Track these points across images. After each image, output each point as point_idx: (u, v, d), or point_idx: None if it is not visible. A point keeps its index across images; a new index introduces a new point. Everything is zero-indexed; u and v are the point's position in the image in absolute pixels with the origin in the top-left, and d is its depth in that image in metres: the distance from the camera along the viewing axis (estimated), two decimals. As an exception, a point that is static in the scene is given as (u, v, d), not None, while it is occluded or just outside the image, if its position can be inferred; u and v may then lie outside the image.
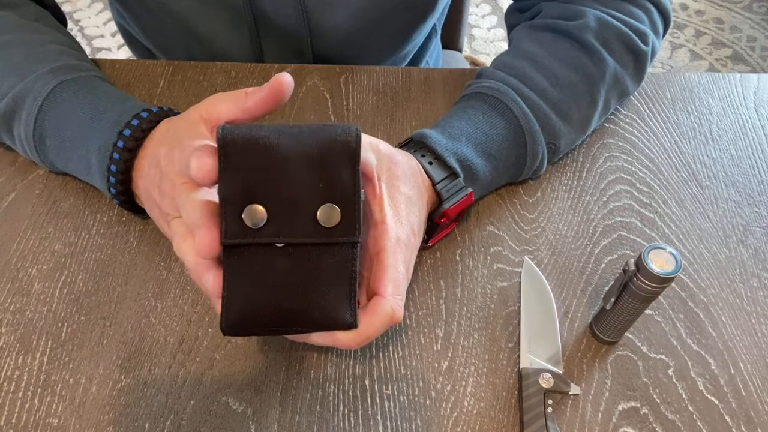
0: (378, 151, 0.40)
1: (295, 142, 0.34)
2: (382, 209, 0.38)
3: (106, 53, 1.85)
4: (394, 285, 0.37)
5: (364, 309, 0.37)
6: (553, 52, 0.52)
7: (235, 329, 0.35)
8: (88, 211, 0.50)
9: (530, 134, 0.49)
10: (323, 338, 0.37)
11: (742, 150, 0.57)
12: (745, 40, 1.96)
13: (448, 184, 0.45)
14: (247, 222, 0.34)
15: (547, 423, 0.40)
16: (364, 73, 0.61)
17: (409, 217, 0.40)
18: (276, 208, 0.34)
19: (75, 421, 0.40)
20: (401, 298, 0.37)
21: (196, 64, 0.61)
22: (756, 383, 0.43)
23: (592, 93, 0.52)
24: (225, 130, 0.33)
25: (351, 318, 0.36)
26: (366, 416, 0.41)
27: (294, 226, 0.34)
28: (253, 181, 0.34)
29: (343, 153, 0.34)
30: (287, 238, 0.34)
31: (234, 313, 0.35)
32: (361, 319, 0.36)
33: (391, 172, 0.41)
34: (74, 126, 0.47)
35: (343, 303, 0.36)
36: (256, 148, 0.33)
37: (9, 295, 0.46)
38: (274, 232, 0.34)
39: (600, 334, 0.44)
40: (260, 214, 0.34)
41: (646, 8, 0.55)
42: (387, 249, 0.37)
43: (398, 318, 0.36)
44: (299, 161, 0.34)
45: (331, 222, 0.34)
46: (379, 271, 0.37)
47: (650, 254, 0.37)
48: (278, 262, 0.35)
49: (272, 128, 0.34)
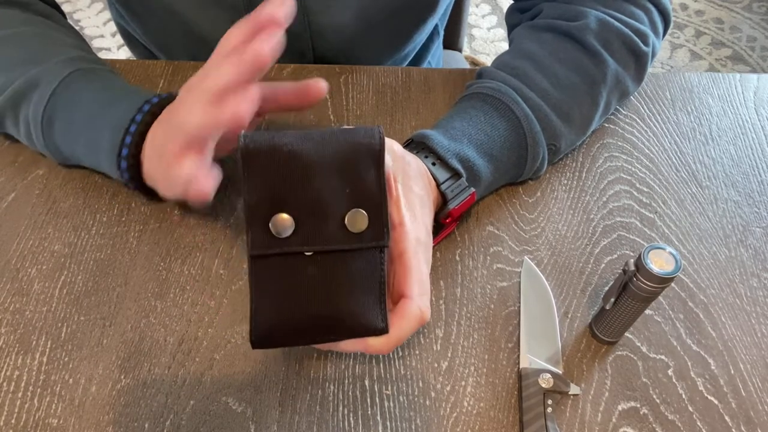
0: (393, 151, 0.40)
1: (318, 147, 0.33)
2: (399, 210, 0.38)
3: (106, 53, 1.85)
4: (419, 286, 0.36)
5: (392, 312, 0.36)
6: (554, 52, 0.52)
7: (265, 342, 0.35)
8: (88, 211, 0.50)
9: (531, 135, 0.49)
10: (354, 345, 0.37)
11: (742, 150, 0.57)
12: (745, 40, 1.96)
13: (452, 185, 0.46)
14: (274, 231, 0.33)
15: (546, 423, 0.40)
16: (364, 73, 0.61)
17: (423, 217, 0.40)
18: (303, 215, 0.33)
19: (75, 422, 0.40)
20: (427, 297, 0.37)
21: (196, 64, 0.61)
22: (756, 383, 0.43)
23: (593, 94, 0.52)
24: (247, 139, 0.33)
25: (383, 323, 0.35)
26: (366, 416, 0.41)
27: (322, 233, 0.34)
28: (278, 189, 0.33)
29: (367, 156, 0.34)
30: (316, 246, 0.34)
31: (264, 325, 0.34)
32: (391, 323, 0.36)
33: (405, 172, 0.40)
34: (86, 110, 0.47)
35: (373, 308, 0.35)
36: (280, 156, 0.33)
37: (9, 295, 0.46)
38: (301, 240, 0.33)
39: (600, 334, 0.44)
40: (287, 223, 0.33)
41: (646, 8, 0.55)
42: (409, 250, 0.37)
43: (427, 318, 0.36)
44: (324, 167, 0.33)
45: (359, 227, 0.34)
46: (403, 272, 0.37)
47: (650, 254, 0.37)
48: (307, 271, 0.34)
49: (295, 134, 0.34)
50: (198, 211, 0.50)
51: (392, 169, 0.39)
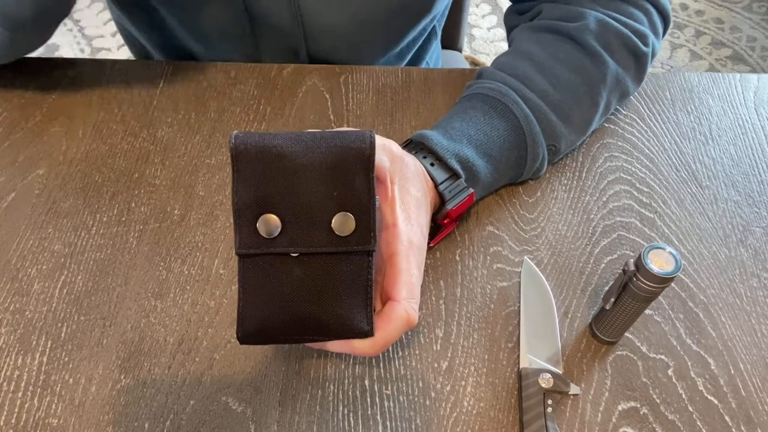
0: (391, 152, 0.40)
1: (308, 150, 0.34)
2: (393, 211, 0.38)
3: (106, 53, 1.85)
4: (408, 289, 0.36)
5: (379, 314, 0.36)
6: (554, 53, 0.52)
7: (251, 338, 0.35)
8: (88, 211, 0.50)
9: (531, 136, 0.49)
10: (340, 346, 0.37)
11: (742, 150, 0.57)
12: (745, 40, 1.96)
13: (451, 185, 0.45)
14: (262, 232, 0.33)
15: (546, 423, 0.40)
16: (364, 73, 0.61)
17: (419, 218, 0.40)
18: (290, 217, 0.34)
19: (75, 421, 0.40)
20: (416, 301, 0.37)
21: (196, 64, 0.61)
22: (756, 383, 0.43)
23: (592, 95, 0.52)
24: (238, 139, 0.33)
25: (367, 326, 0.35)
26: (366, 416, 0.41)
27: (309, 235, 0.34)
28: (267, 190, 0.33)
29: (357, 161, 0.34)
30: (302, 248, 0.34)
31: (250, 323, 0.35)
32: (377, 326, 0.36)
33: (403, 174, 0.40)
34: None
35: (358, 311, 0.35)
36: (270, 157, 0.33)
37: (9, 295, 0.46)
38: (288, 241, 0.34)
39: (600, 334, 0.44)
40: (275, 224, 0.33)
41: (645, 9, 0.55)
42: (400, 252, 0.37)
43: (413, 322, 0.36)
44: (313, 169, 0.34)
45: (346, 230, 0.34)
46: (392, 275, 0.37)
47: (650, 254, 0.37)
48: (293, 272, 0.34)
49: (286, 136, 0.34)
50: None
51: (390, 171, 0.39)
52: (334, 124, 0.56)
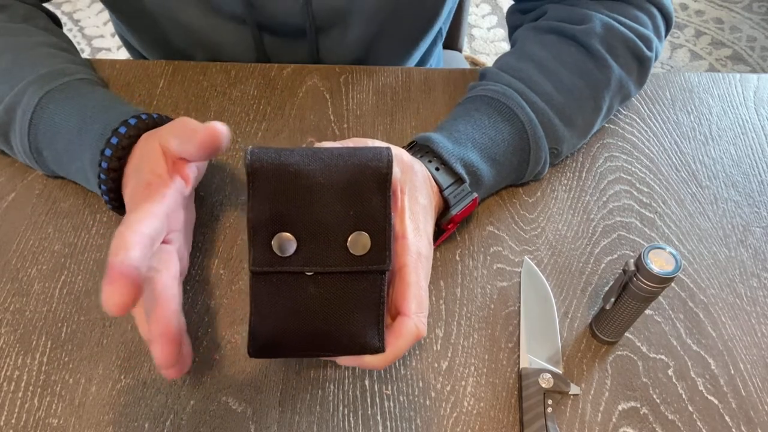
0: (401, 161, 0.39)
1: (325, 167, 0.33)
2: (403, 222, 0.38)
3: (106, 53, 1.85)
4: (417, 302, 0.36)
5: (389, 329, 0.36)
6: (558, 56, 0.52)
7: (261, 353, 0.35)
8: (88, 212, 0.50)
9: (534, 140, 0.49)
10: (350, 361, 0.37)
11: (742, 150, 0.57)
12: (745, 40, 1.96)
13: (455, 190, 0.45)
14: (276, 250, 0.33)
15: (546, 423, 0.40)
16: (364, 73, 0.61)
17: (426, 228, 0.40)
18: (306, 235, 0.33)
19: (75, 422, 0.40)
20: (424, 314, 0.37)
21: (196, 64, 0.61)
22: (756, 383, 0.43)
23: (596, 99, 0.52)
24: (254, 156, 0.33)
25: (379, 343, 0.36)
26: (366, 416, 0.41)
27: (324, 254, 0.34)
28: (282, 208, 0.33)
29: (373, 179, 0.34)
30: (317, 267, 0.34)
31: (262, 338, 0.35)
32: (387, 341, 0.36)
33: (412, 183, 0.40)
34: (65, 140, 0.46)
35: (370, 328, 0.35)
36: (287, 175, 0.33)
37: (9, 295, 0.46)
38: (304, 260, 0.34)
39: (600, 334, 0.44)
40: (289, 242, 0.33)
41: (650, 12, 0.55)
42: (409, 265, 0.37)
43: (423, 334, 0.36)
44: (329, 188, 0.33)
45: (361, 250, 0.34)
46: (402, 288, 0.37)
47: (650, 254, 0.37)
48: (307, 290, 0.34)
49: (302, 153, 0.34)
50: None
51: (400, 180, 0.39)
52: (334, 124, 0.56)
